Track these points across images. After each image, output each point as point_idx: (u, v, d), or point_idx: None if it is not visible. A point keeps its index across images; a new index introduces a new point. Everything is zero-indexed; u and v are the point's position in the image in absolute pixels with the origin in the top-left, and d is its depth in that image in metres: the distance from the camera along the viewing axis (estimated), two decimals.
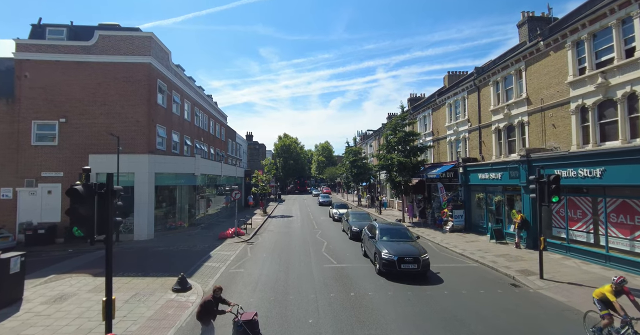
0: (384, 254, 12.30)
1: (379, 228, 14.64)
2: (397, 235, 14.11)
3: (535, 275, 11.89)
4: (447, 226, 21.39)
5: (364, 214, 23.17)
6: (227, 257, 15.59)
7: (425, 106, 30.62)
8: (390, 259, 12.00)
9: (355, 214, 22.96)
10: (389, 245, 12.78)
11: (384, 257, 12.19)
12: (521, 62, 18.28)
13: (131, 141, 20.48)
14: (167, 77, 23.40)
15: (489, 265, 13.56)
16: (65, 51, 20.46)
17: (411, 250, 12.47)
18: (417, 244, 13.41)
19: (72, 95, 20.31)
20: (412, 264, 11.89)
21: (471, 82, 23.01)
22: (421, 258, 12.00)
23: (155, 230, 20.81)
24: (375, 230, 14.61)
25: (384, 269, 12.12)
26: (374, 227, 15.16)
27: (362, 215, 22.82)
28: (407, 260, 11.91)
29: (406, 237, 14.03)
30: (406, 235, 14.22)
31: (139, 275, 12.57)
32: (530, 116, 17.70)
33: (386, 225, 15.30)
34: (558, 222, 15.06)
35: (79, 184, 6.08)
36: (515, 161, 16.92)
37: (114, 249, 17.60)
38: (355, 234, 19.42)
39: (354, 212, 23.81)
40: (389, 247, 12.61)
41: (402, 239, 13.74)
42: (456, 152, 25.43)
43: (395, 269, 11.86)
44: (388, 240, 13.56)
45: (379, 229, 14.59)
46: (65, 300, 10.01)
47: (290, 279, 12.00)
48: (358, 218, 21.81)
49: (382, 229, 14.59)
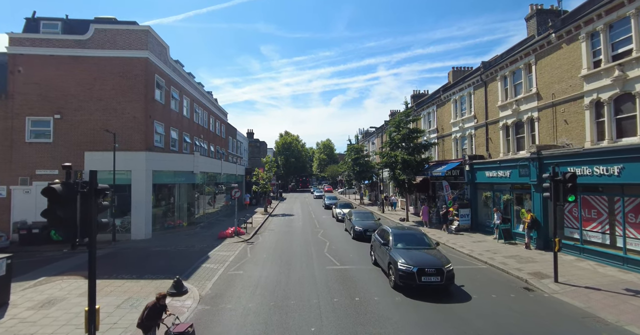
0: (400, 264, 10.61)
1: (393, 234, 12.71)
2: (414, 241, 12.30)
3: (549, 278, 11.29)
4: (453, 225, 20.78)
5: (367, 213, 22.51)
6: (226, 257, 15.05)
7: (430, 102, 29.94)
8: (409, 271, 10.33)
9: (359, 213, 22.22)
10: (405, 254, 11.05)
11: (401, 267, 10.49)
12: (531, 55, 17.60)
13: (128, 138, 19.93)
14: (165, 73, 22.81)
15: (499, 267, 12.97)
16: (60, 45, 19.88)
17: (432, 260, 10.79)
18: (438, 252, 11.76)
19: (67, 90, 19.75)
20: (434, 276, 10.22)
21: (478, 77, 22.33)
22: (445, 269, 10.33)
23: (153, 229, 20.29)
24: (388, 236, 12.77)
25: (401, 282, 10.41)
26: (386, 232, 13.36)
27: (366, 214, 22.15)
28: (429, 271, 10.24)
29: (424, 243, 12.28)
30: (424, 241, 12.47)
31: (134, 277, 12.03)
32: (541, 112, 17.04)
33: (401, 231, 13.40)
34: (571, 222, 14.43)
35: (58, 182, 5.51)
36: (525, 158, 16.29)
37: (110, 250, 17.25)
38: (359, 233, 18.81)
39: (357, 211, 23.05)
40: (406, 256, 10.92)
41: (420, 247, 11.97)
42: (462, 149, 24.78)
43: (415, 281, 10.21)
44: (404, 247, 11.77)
45: (392, 234, 12.67)
46: (53, 305, 9.47)
47: (292, 282, 11.44)
48: (361, 217, 21.12)
49: (396, 234, 12.68)
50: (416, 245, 11.97)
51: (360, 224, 19.33)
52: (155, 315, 6.89)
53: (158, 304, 6.96)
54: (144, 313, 6.80)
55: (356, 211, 22.67)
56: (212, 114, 34.90)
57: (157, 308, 6.94)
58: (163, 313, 7.06)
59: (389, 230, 13.26)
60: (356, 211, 22.67)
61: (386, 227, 14.18)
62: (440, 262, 10.61)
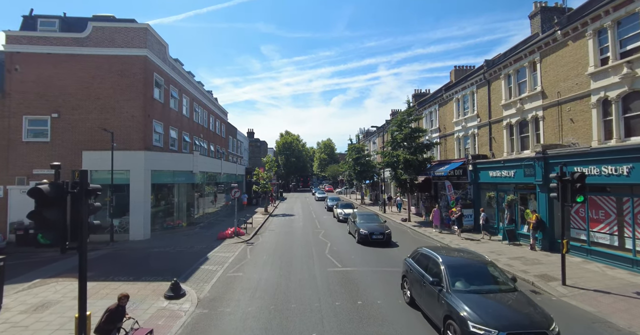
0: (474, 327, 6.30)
1: (446, 265, 8.01)
2: (478, 277, 7.91)
3: (557, 281, 11.00)
4: (456, 226, 20.46)
5: (372, 215, 21.01)
6: (225, 259, 14.77)
7: (432, 102, 29.63)
8: None
9: (363, 215, 20.79)
10: (476, 306, 6.76)
11: None
12: (536, 53, 17.29)
13: (126, 137, 19.66)
14: (164, 71, 22.54)
15: (505, 269, 12.64)
16: (58, 43, 19.61)
17: (524, 320, 6.47)
18: (523, 295, 7.43)
19: (65, 89, 19.49)
20: None
21: (481, 76, 22.02)
22: None
23: (152, 230, 20.04)
24: (437, 269, 8.11)
25: None
26: (431, 259, 8.69)
27: (370, 216, 20.63)
28: None
29: (495, 280, 7.90)
30: (493, 277, 8.01)
31: (130, 279, 11.76)
32: (546, 111, 16.74)
33: (455, 259, 8.54)
34: (577, 223, 14.13)
35: (45, 182, 5.24)
36: (530, 158, 15.98)
37: (107, 251, 16.99)
38: (364, 237, 17.55)
39: (361, 212, 21.66)
40: (479, 311, 6.58)
41: (491, 287, 7.66)
42: (464, 148, 24.47)
43: None
44: (467, 289, 7.43)
45: (445, 266, 7.98)
46: (47, 308, 9.20)
47: (292, 285, 11.16)
48: (366, 219, 19.70)
49: (451, 266, 8.01)
50: (484, 284, 7.65)
51: (365, 227, 18.04)
52: (116, 319, 6.59)
53: (120, 306, 6.68)
54: (103, 316, 6.52)
55: (360, 213, 21.21)
56: (212, 113, 34.63)
57: (119, 311, 6.66)
58: (124, 316, 6.77)
59: (437, 259, 8.43)
60: (360, 213, 21.21)
61: (428, 250, 9.24)
62: (540, 323, 6.40)
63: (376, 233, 17.45)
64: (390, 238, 17.79)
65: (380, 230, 17.64)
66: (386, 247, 17.11)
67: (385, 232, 17.61)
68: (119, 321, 6.69)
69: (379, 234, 17.46)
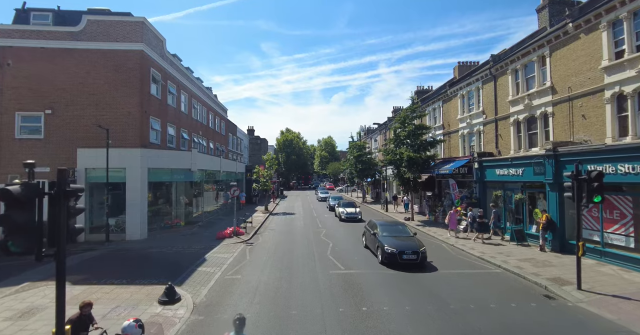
0: None
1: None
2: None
3: (571, 284, 10.46)
4: (461, 226, 19.92)
5: (398, 225, 15.87)
6: (223, 260, 14.24)
7: (435, 98, 29.03)
8: None
9: (386, 225, 15.59)
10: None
11: None
12: (545, 47, 16.68)
13: (122, 134, 19.11)
14: (161, 66, 21.95)
15: (515, 272, 12.13)
16: (51, 37, 19.02)
17: None
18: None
19: (59, 84, 18.93)
20: None
21: (487, 71, 21.42)
22: None
23: (149, 229, 19.52)
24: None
25: None
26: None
27: (395, 226, 15.57)
28: None
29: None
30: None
31: (124, 282, 11.24)
32: (555, 106, 16.16)
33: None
34: (590, 224, 13.57)
35: (17, 183, 4.70)
36: (540, 156, 15.40)
37: (102, 251, 16.45)
38: (391, 256, 12.91)
39: (383, 222, 16.27)
40: None
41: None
42: (469, 146, 23.91)
43: None
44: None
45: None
46: (33, 315, 8.69)
47: (293, 289, 10.62)
48: (391, 231, 14.90)
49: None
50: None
51: (392, 243, 13.43)
52: (79, 329, 5.99)
53: (82, 315, 6.11)
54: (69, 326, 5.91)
55: (383, 223, 16.02)
56: (212, 110, 34.06)
57: (82, 320, 6.10)
58: (90, 325, 6.19)
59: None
60: (383, 223, 16.02)
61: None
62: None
63: (407, 251, 12.86)
64: (425, 258, 13.08)
65: (413, 248, 13.10)
66: (420, 271, 12.51)
67: (420, 251, 12.93)
68: (84, 331, 6.12)
69: (411, 252, 12.86)
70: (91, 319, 6.36)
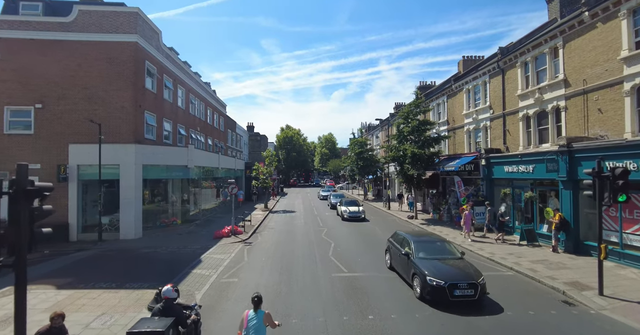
0: None
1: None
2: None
3: (591, 289, 9.76)
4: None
5: (440, 244, 11.28)
6: (220, 261, 13.55)
7: (439, 93, 28.23)
8: None
9: (423, 242, 11.06)
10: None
11: None
12: (558, 38, 15.86)
13: (116, 129, 18.37)
14: (156, 59, 21.16)
15: (528, 275, 11.43)
16: (41, 28, 18.23)
17: None
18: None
19: (49, 78, 18.16)
20: None
21: (494, 65, 20.61)
22: None
23: (144, 228, 18.85)
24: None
25: None
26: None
27: (437, 246, 11.10)
28: None
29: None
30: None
31: (113, 286, 10.54)
32: (569, 100, 15.38)
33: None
34: (608, 224, 12.82)
35: None
36: (552, 152, 14.65)
37: (94, 251, 15.71)
38: (437, 291, 8.94)
39: (417, 238, 11.44)
40: None
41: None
42: (475, 142, 23.15)
43: None
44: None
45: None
46: (10, 324, 7.96)
47: (293, 294, 9.92)
48: (431, 251, 10.59)
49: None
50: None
51: (437, 272, 9.33)
52: None
53: (52, 327, 5.44)
54: None
55: (415, 237, 11.46)
56: (210, 105, 33.28)
57: (53, 333, 5.42)
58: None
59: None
60: (415, 237, 11.46)
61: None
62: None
63: (462, 284, 8.93)
64: (484, 293, 9.19)
65: (468, 278, 9.14)
66: (477, 312, 8.64)
67: (479, 283, 9.02)
68: None
69: (466, 285, 8.94)
70: (63, 331, 5.66)
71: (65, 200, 17.86)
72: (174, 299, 6.49)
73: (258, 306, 5.75)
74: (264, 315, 5.68)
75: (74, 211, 17.96)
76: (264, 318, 5.66)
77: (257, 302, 5.77)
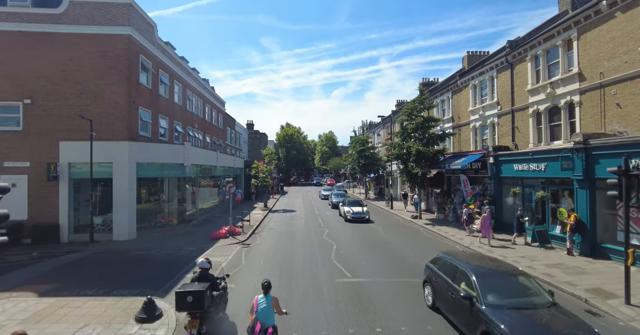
0: None
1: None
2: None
3: (616, 298, 9.02)
4: (474, 225, 18.45)
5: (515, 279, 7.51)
6: (216, 265, 12.75)
7: (444, 89, 27.44)
8: None
9: (490, 277, 7.41)
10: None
11: None
12: (572, 29, 15.07)
13: (108, 126, 17.62)
14: (151, 53, 20.37)
15: (545, 281, 10.66)
16: (30, 20, 17.45)
17: None
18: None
19: (39, 72, 17.39)
20: None
21: (502, 59, 19.83)
22: None
23: (139, 228, 18.15)
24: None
25: None
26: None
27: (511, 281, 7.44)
28: None
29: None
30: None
31: (100, 293, 9.80)
32: (583, 95, 14.61)
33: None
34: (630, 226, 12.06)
35: None
36: (567, 149, 13.88)
37: (84, 254, 14.83)
38: None
39: (481, 270, 7.66)
40: None
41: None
42: (482, 140, 22.39)
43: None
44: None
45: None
46: None
47: (294, 303, 9.17)
48: (507, 293, 6.98)
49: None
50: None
51: None
52: None
53: None
54: None
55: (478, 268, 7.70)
56: (208, 102, 32.49)
57: None
58: None
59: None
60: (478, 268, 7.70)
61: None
62: None
63: None
64: None
65: None
66: None
67: None
68: None
69: None
70: None
71: (56, 200, 17.14)
72: (207, 269, 7.68)
73: (267, 291, 6.25)
74: (272, 299, 6.16)
75: (65, 211, 17.22)
76: (272, 302, 6.13)
77: (266, 287, 6.27)
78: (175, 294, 6.67)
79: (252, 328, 5.90)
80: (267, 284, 6.31)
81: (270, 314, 6.06)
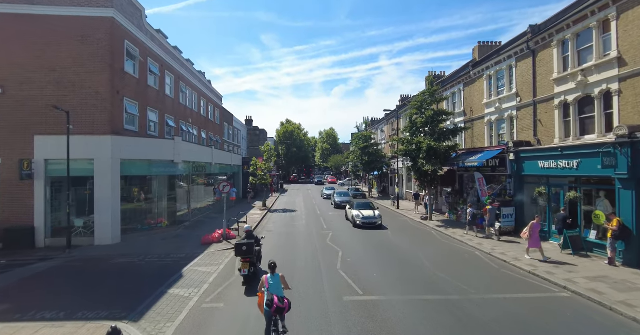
0: None
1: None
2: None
3: None
4: (492, 230, 16.78)
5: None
6: (205, 277, 11.11)
7: (454, 81, 25.63)
8: None
9: None
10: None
11: None
12: (610, 8, 13.26)
13: (89, 118, 15.93)
14: (139, 40, 18.60)
15: (592, 299, 8.98)
16: (2, 0, 15.70)
17: None
18: None
19: (11, 58, 15.71)
20: None
21: (523, 46, 18.02)
22: None
23: (125, 231, 16.55)
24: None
25: None
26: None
27: None
28: None
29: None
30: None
31: (60, 317, 8.09)
32: (623, 82, 12.84)
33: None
34: None
35: None
36: (609, 144, 12.13)
37: (57, 262, 12.49)
38: None
39: None
40: None
41: None
42: (498, 135, 20.62)
43: None
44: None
45: None
46: None
47: (296, 329, 7.47)
48: None
49: None
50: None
51: None
52: None
53: None
54: None
55: None
56: (204, 96, 30.71)
57: None
58: None
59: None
60: None
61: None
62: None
63: None
64: None
65: None
66: None
67: None
68: None
69: None
70: None
71: (31, 200, 15.50)
72: (251, 231, 11.36)
73: (274, 271, 7.13)
74: (279, 277, 7.07)
75: (41, 213, 15.57)
76: (280, 279, 7.05)
77: (273, 267, 7.19)
78: (235, 246, 10.28)
79: (271, 300, 6.52)
80: (274, 264, 7.24)
81: (280, 288, 6.92)
